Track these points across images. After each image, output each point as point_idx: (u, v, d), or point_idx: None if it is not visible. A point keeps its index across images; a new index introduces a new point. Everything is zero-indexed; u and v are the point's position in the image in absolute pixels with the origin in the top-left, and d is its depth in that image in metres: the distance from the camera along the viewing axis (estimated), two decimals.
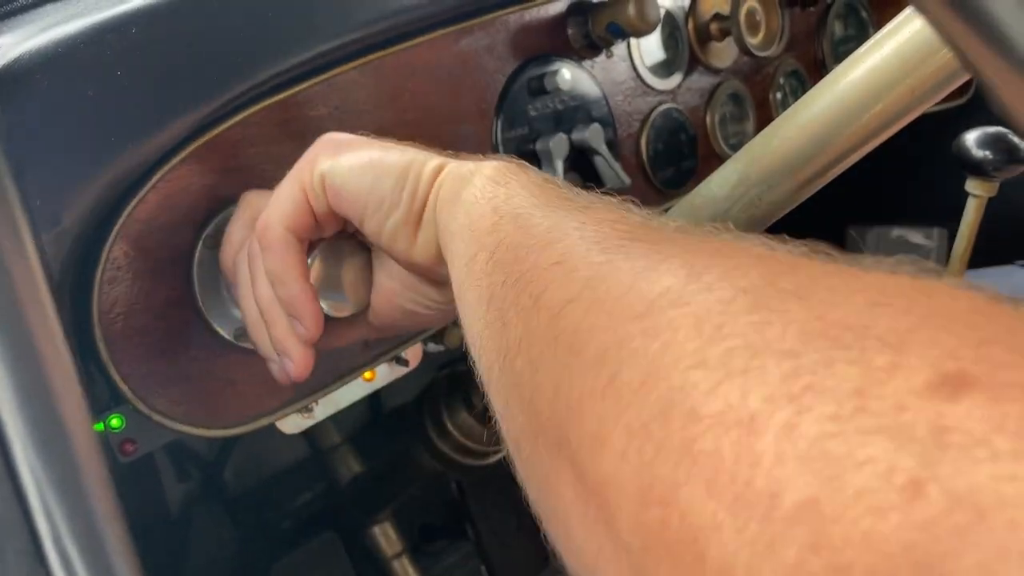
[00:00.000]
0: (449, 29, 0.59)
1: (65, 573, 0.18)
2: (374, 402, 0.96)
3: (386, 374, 0.64)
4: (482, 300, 0.32)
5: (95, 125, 0.43)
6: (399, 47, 0.56)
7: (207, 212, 0.50)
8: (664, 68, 0.76)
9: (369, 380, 0.63)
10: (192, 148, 0.48)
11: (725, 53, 0.79)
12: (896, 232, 1.22)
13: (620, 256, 0.26)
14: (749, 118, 0.82)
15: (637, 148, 0.73)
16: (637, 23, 0.64)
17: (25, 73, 0.42)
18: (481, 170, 0.38)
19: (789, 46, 0.84)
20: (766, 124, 0.52)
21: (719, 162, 0.57)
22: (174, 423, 0.50)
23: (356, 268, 0.47)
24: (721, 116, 0.80)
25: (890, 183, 1.21)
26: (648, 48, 0.74)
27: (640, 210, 0.31)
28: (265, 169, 0.52)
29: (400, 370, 0.65)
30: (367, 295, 0.48)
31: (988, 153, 0.64)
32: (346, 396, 0.63)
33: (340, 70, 0.53)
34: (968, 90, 0.99)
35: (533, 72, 0.65)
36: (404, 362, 0.64)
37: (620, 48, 0.72)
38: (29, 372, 0.22)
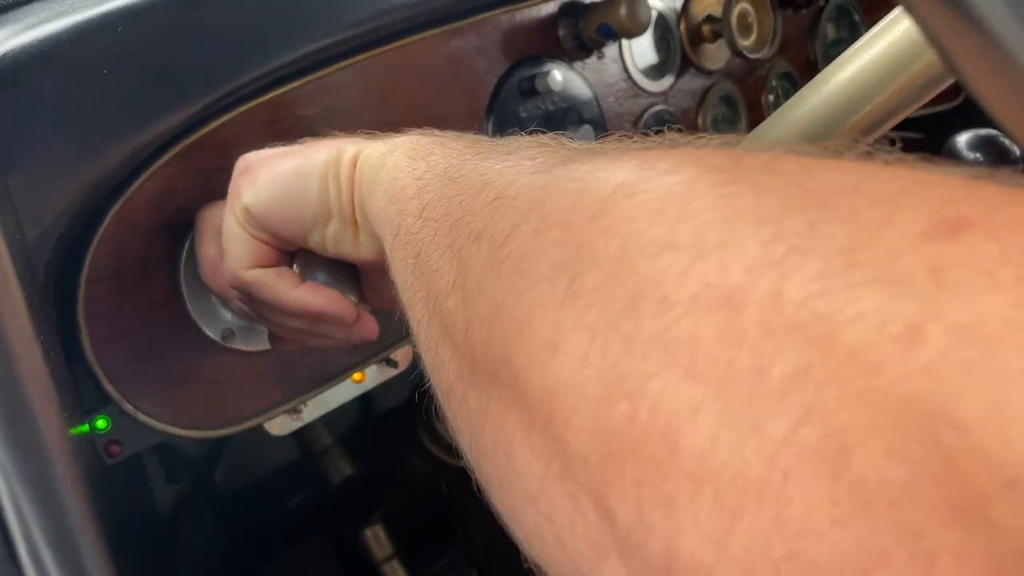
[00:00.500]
0: (440, 30, 0.59)
1: (37, 574, 0.18)
2: (364, 405, 0.95)
3: (376, 375, 0.64)
4: (408, 260, 0.29)
5: (80, 124, 0.43)
6: (389, 47, 0.56)
7: (194, 212, 0.49)
8: (656, 70, 0.75)
9: (359, 381, 0.63)
10: (179, 148, 0.48)
11: (717, 55, 0.79)
12: None
13: (563, 172, 0.23)
14: (741, 120, 0.82)
15: None
16: (628, 24, 0.64)
17: (9, 71, 0.41)
18: (396, 148, 0.35)
19: (781, 48, 0.84)
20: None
21: None
22: (160, 424, 0.50)
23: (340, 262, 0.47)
24: (713, 118, 0.80)
25: None
26: (640, 50, 0.74)
27: (575, 141, 0.29)
28: None
29: (390, 372, 0.64)
30: (358, 285, 0.47)
31: (979, 155, 0.64)
32: (335, 397, 0.63)
33: (329, 70, 0.53)
34: (960, 93, 0.99)
35: (524, 73, 0.65)
36: (394, 363, 0.64)
37: (611, 49, 0.71)
38: (1, 373, 0.21)
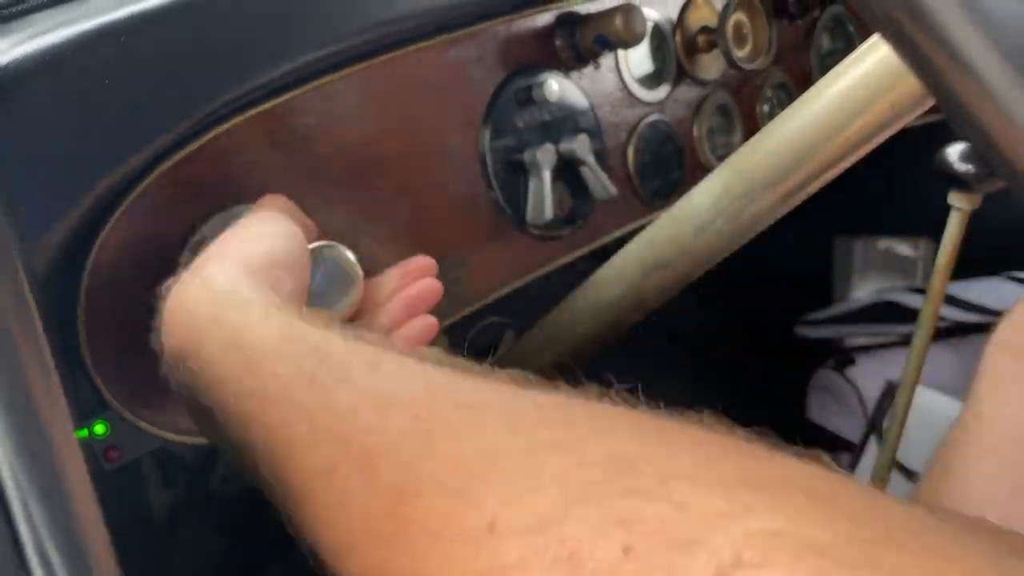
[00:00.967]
0: (437, 40, 0.60)
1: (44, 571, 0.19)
2: None
3: None
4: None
5: (83, 131, 0.44)
6: (386, 57, 0.57)
7: (194, 220, 0.50)
8: (651, 80, 0.76)
9: None
10: (180, 156, 0.48)
11: (712, 65, 0.80)
12: (883, 243, 1.23)
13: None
14: (736, 130, 0.83)
15: (624, 159, 0.74)
16: (624, 35, 0.65)
17: (13, 80, 0.42)
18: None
19: (777, 59, 0.85)
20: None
21: (706, 174, 0.57)
22: (159, 430, 0.50)
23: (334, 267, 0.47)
24: (708, 128, 0.81)
25: (876, 196, 1.22)
26: (636, 60, 0.75)
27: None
28: (252, 177, 0.52)
29: None
30: (350, 291, 0.47)
31: (970, 166, 0.65)
32: None
33: (327, 79, 0.54)
34: None
35: (521, 83, 0.66)
36: None
37: (607, 60, 0.72)
38: (10, 376, 0.22)
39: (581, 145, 0.66)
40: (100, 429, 0.50)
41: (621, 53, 0.73)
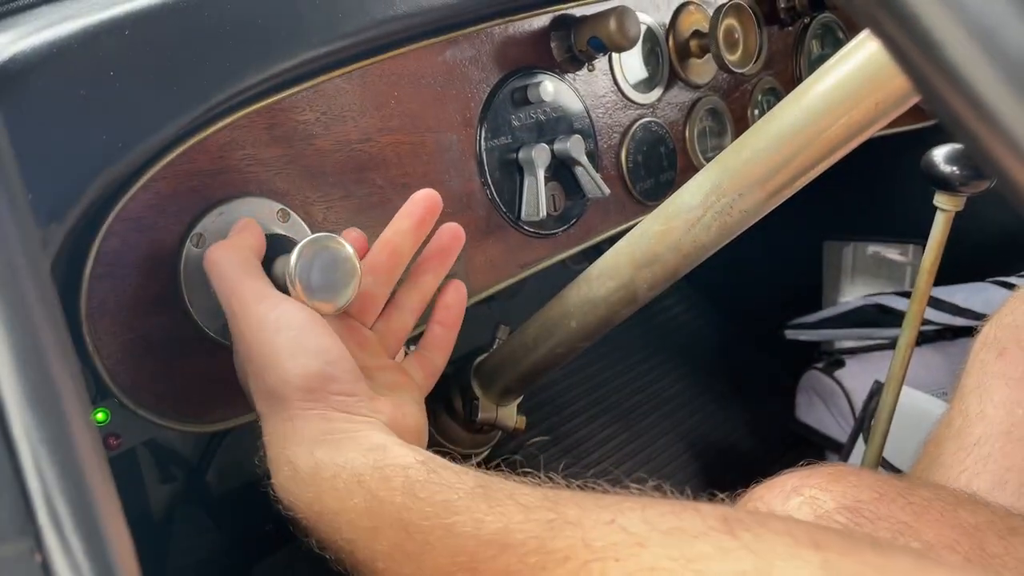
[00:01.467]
0: (435, 40, 0.61)
1: (54, 529, 0.20)
2: None
3: None
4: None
5: (86, 124, 0.44)
6: (385, 56, 0.58)
7: (195, 212, 0.51)
8: (645, 83, 0.78)
9: None
10: (181, 149, 0.49)
11: (704, 69, 0.81)
12: (872, 248, 1.25)
13: None
14: (728, 132, 0.84)
15: (617, 160, 0.75)
16: (618, 38, 0.66)
17: (19, 72, 0.43)
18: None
19: (767, 64, 0.86)
20: None
21: None
22: (158, 418, 0.51)
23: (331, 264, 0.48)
24: (700, 130, 0.82)
25: (866, 199, 1.24)
26: (629, 63, 0.76)
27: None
28: (252, 171, 0.53)
29: None
30: (346, 292, 0.48)
31: (955, 168, 0.66)
32: None
33: (326, 77, 0.55)
34: None
35: (517, 83, 0.67)
36: None
37: (602, 62, 0.73)
38: (26, 338, 0.23)
39: (575, 145, 0.68)
40: (101, 417, 0.51)
41: (615, 56, 0.74)
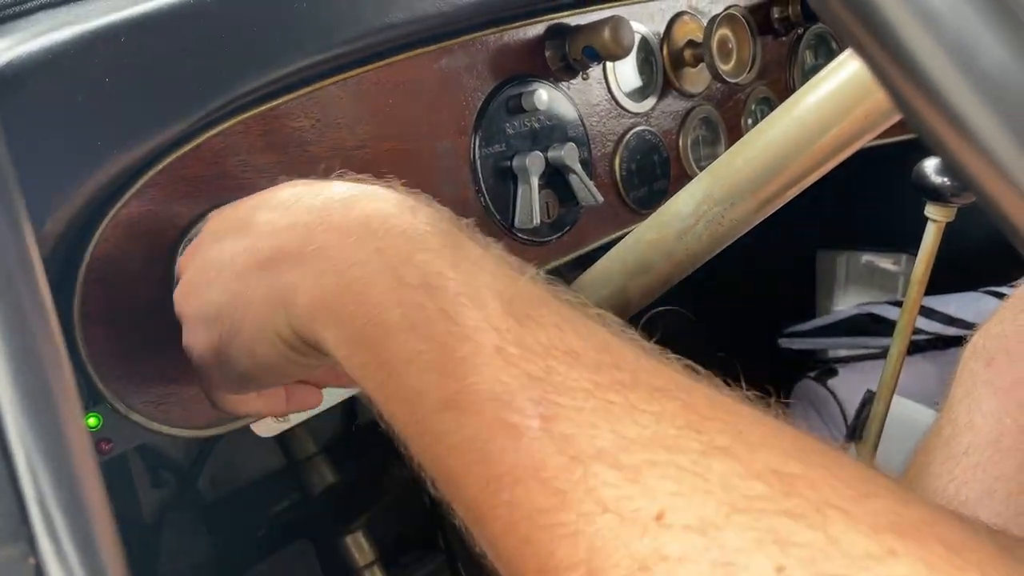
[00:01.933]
0: (430, 48, 0.61)
1: (48, 533, 0.20)
2: (349, 413, 0.97)
3: None
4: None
5: (82, 129, 0.45)
6: (380, 64, 0.58)
7: (189, 217, 0.51)
8: (639, 92, 0.78)
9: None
10: (176, 155, 0.50)
11: (698, 79, 0.82)
12: (865, 258, 1.25)
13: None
14: (721, 141, 0.85)
15: (611, 168, 0.75)
16: (612, 47, 0.67)
17: (15, 77, 0.43)
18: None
19: (761, 74, 0.87)
20: None
21: None
22: (151, 423, 0.51)
23: None
24: (694, 139, 0.82)
25: (859, 209, 1.24)
26: (623, 72, 0.76)
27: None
28: (246, 178, 0.53)
29: None
30: None
31: (946, 179, 0.67)
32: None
33: (321, 84, 0.55)
34: None
35: (511, 92, 0.67)
36: None
37: (596, 71, 0.74)
38: (22, 342, 0.23)
39: (569, 153, 0.68)
40: (93, 421, 0.51)
41: (609, 65, 0.75)
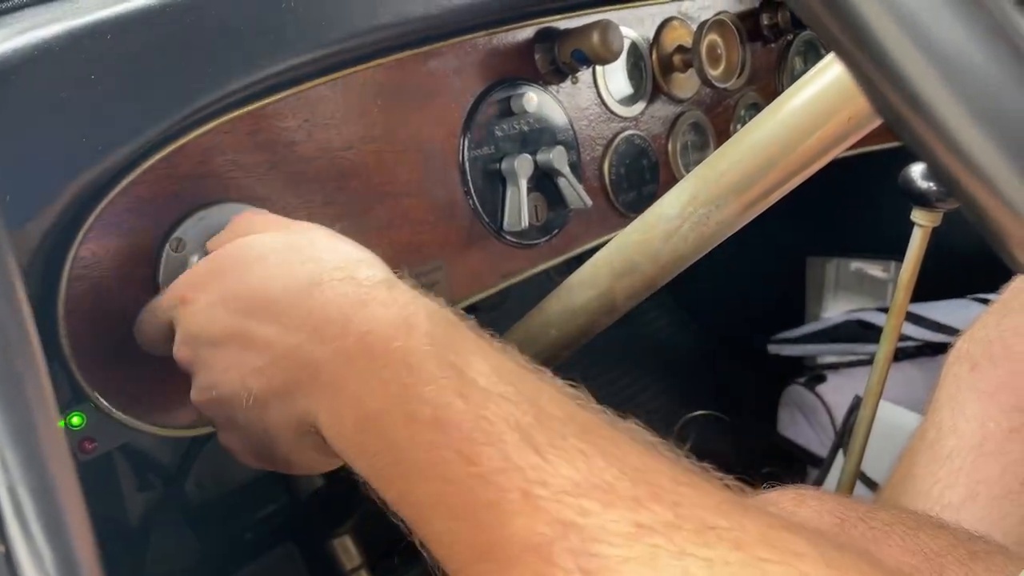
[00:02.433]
0: (419, 50, 0.62)
1: (17, 520, 0.20)
2: None
3: None
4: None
5: (68, 127, 0.45)
6: (369, 64, 0.58)
7: (175, 216, 0.51)
8: (628, 96, 0.78)
9: None
10: (162, 154, 0.50)
11: (687, 84, 0.82)
12: (854, 265, 1.26)
13: None
14: (710, 146, 0.85)
15: (600, 172, 0.75)
16: (601, 51, 0.67)
17: (1, 74, 0.43)
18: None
19: (750, 79, 0.87)
20: None
21: None
22: (135, 422, 0.51)
23: None
24: (683, 144, 0.83)
25: (848, 216, 1.25)
26: (613, 76, 0.77)
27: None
28: (233, 177, 0.53)
29: None
30: None
31: (931, 185, 0.67)
32: None
33: (309, 85, 0.55)
34: None
35: (500, 94, 0.67)
36: None
37: (585, 75, 0.74)
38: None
39: (558, 156, 0.68)
40: (76, 420, 0.51)
41: (599, 69, 0.75)
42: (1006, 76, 0.21)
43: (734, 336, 1.35)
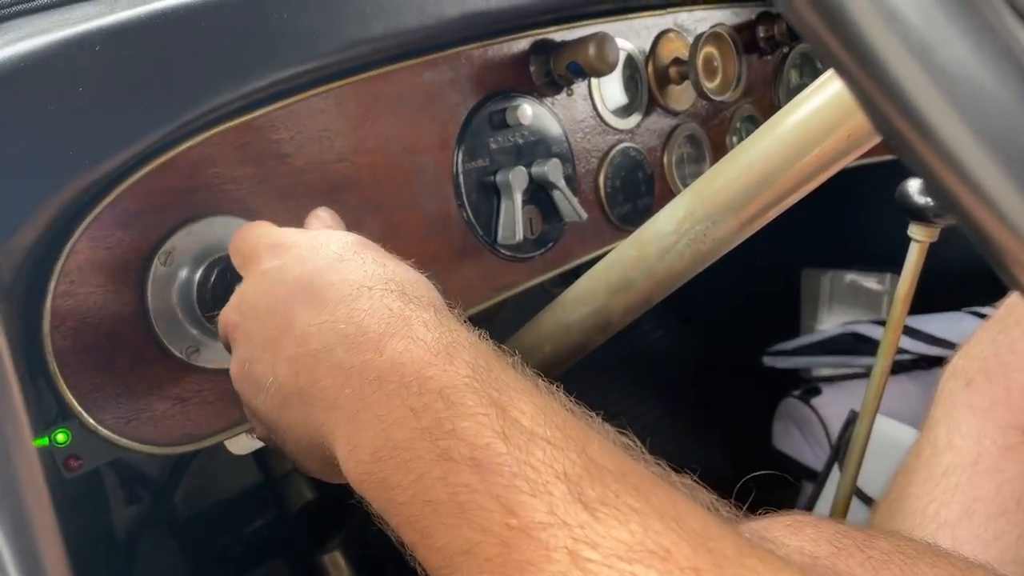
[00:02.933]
0: (413, 61, 0.61)
1: None
2: None
3: None
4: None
5: (55, 139, 0.44)
6: (362, 76, 0.58)
7: (164, 230, 0.50)
8: (624, 108, 0.78)
9: None
10: (151, 167, 0.49)
11: (683, 96, 0.82)
12: (850, 277, 1.26)
13: None
14: (706, 159, 0.85)
15: (595, 184, 0.75)
16: (596, 63, 0.67)
17: None
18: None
19: (746, 92, 0.87)
20: None
21: None
22: (121, 439, 0.50)
23: None
24: (679, 157, 0.82)
25: (844, 228, 1.25)
26: (608, 88, 0.76)
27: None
28: (223, 190, 0.52)
29: None
30: None
31: (928, 200, 0.67)
32: None
33: (301, 96, 0.54)
34: None
35: (495, 106, 0.67)
36: None
37: (581, 87, 0.74)
38: None
39: (553, 169, 0.68)
40: (61, 437, 0.50)
41: (594, 81, 0.74)
42: (1007, 95, 0.21)
43: (729, 348, 1.35)
